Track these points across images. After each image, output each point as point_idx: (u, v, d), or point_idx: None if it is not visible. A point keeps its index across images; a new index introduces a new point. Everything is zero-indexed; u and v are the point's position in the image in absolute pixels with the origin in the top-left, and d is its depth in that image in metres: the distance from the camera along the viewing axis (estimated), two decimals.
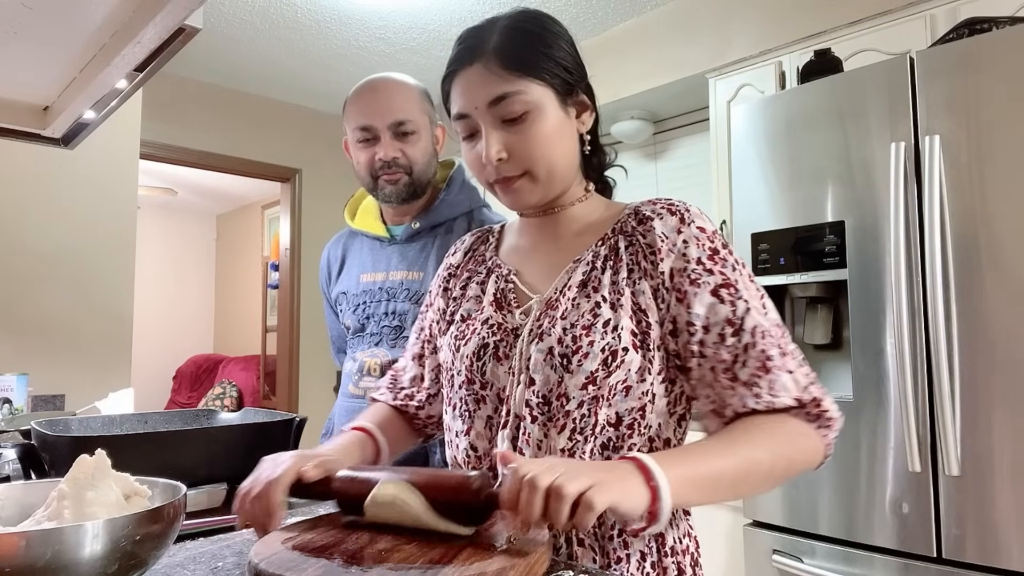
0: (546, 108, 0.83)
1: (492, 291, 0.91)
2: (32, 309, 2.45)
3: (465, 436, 0.88)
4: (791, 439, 0.76)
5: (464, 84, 0.84)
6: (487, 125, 0.83)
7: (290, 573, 0.57)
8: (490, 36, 0.83)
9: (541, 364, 0.81)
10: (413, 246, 1.40)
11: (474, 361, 0.86)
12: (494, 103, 0.82)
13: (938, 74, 1.65)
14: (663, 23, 3.15)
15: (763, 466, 0.73)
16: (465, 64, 0.84)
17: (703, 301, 0.79)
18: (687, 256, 0.80)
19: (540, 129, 0.82)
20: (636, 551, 0.80)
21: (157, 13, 0.99)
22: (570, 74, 0.85)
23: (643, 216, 0.85)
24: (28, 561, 0.53)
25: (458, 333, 0.91)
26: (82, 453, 0.67)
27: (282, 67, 3.81)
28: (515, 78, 0.81)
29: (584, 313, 0.81)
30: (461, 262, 1.01)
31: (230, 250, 6.94)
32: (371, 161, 1.34)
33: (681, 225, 0.82)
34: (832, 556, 1.75)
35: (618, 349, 0.78)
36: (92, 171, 2.59)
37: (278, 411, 1.40)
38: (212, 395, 5.67)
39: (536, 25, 0.85)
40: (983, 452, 1.53)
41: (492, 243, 1.00)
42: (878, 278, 1.73)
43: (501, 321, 0.87)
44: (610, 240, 0.86)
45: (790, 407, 0.76)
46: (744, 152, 2.03)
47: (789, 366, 0.77)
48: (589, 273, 0.84)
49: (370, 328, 1.39)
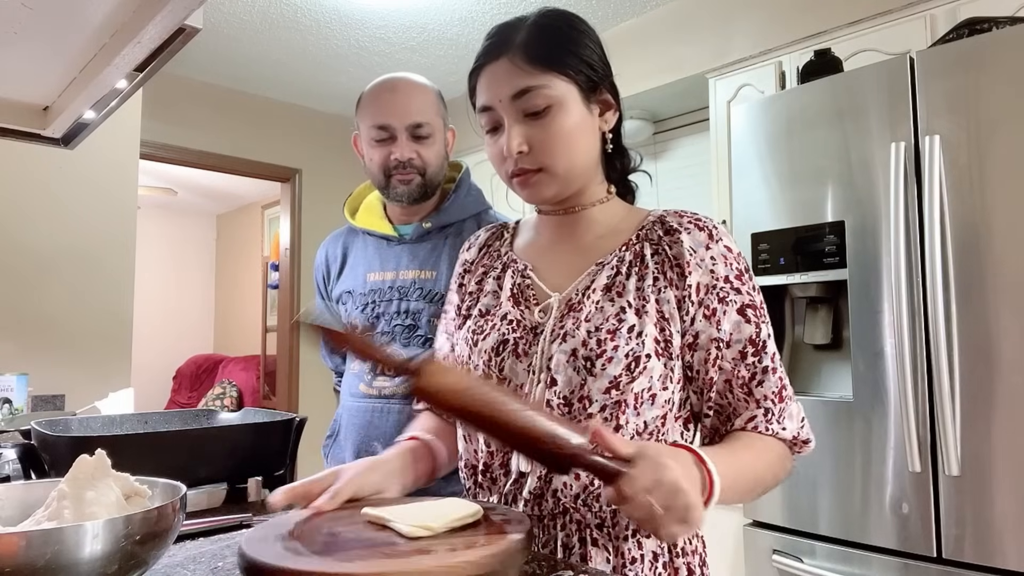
0: (568, 104, 0.84)
1: (509, 286, 0.92)
2: (32, 309, 2.45)
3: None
4: (781, 462, 0.82)
5: (489, 78, 0.85)
6: (510, 118, 0.84)
7: (287, 562, 0.57)
8: (518, 32, 0.85)
9: (564, 365, 0.81)
10: (424, 245, 1.40)
11: (493, 356, 0.87)
12: (517, 96, 0.83)
13: (938, 74, 1.65)
14: (663, 23, 3.15)
15: (767, 481, 0.80)
16: (492, 58, 0.85)
17: (730, 318, 0.81)
18: (715, 273, 0.82)
19: (562, 124, 0.83)
20: (649, 551, 0.80)
21: (157, 13, 0.99)
22: (595, 71, 0.86)
23: (670, 227, 0.86)
24: (28, 561, 0.53)
25: (476, 328, 0.91)
26: (82, 453, 0.67)
27: (282, 67, 3.81)
28: (539, 72, 0.82)
29: (609, 317, 0.82)
30: (476, 257, 1.02)
31: (230, 250, 6.94)
32: (386, 160, 1.35)
33: (710, 242, 0.83)
34: (832, 556, 1.75)
35: (641, 355, 0.79)
36: (92, 171, 2.59)
37: (278, 411, 1.40)
38: (212, 395, 5.67)
39: (563, 22, 0.87)
40: (983, 452, 1.53)
41: (507, 239, 1.01)
42: (878, 278, 1.73)
43: (520, 318, 0.88)
44: (635, 246, 0.87)
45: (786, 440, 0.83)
46: (744, 152, 2.03)
47: (791, 395, 0.83)
48: (614, 278, 0.85)
49: (381, 327, 1.39)
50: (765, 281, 1.94)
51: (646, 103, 3.32)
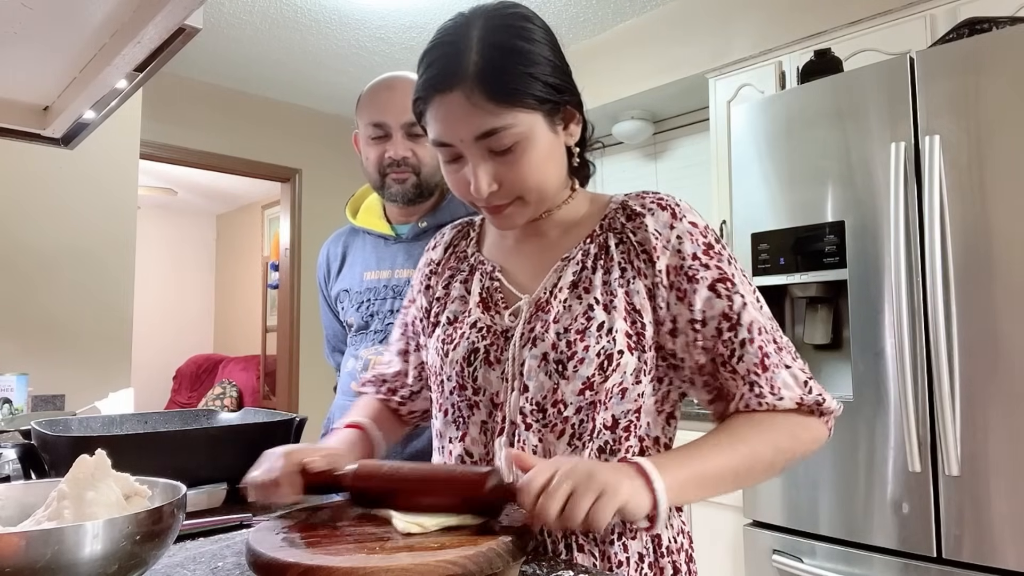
0: (536, 135, 0.78)
1: (478, 290, 0.89)
2: (32, 309, 2.45)
3: (460, 442, 0.87)
4: (792, 432, 0.78)
5: (445, 113, 0.77)
6: (474, 158, 0.78)
7: (278, 554, 0.60)
8: (466, 56, 0.75)
9: (535, 370, 0.80)
10: (420, 244, 1.40)
11: (464, 367, 0.85)
12: (482, 137, 0.76)
13: (938, 74, 1.65)
14: (663, 23, 3.15)
15: (764, 460, 0.76)
16: (443, 90, 0.76)
17: (700, 295, 0.78)
18: (682, 252, 0.79)
19: (531, 158, 0.78)
20: (635, 553, 0.80)
21: (157, 13, 0.99)
22: (558, 93, 0.79)
23: (632, 211, 0.83)
24: (28, 561, 0.53)
25: (445, 337, 0.88)
26: (82, 453, 0.67)
27: (282, 67, 3.81)
28: (503, 111, 0.75)
29: (577, 316, 0.80)
30: (442, 258, 0.98)
31: (230, 250, 6.94)
32: (381, 158, 1.35)
33: (673, 220, 0.81)
34: (832, 556, 1.75)
35: (613, 352, 0.78)
36: (92, 171, 2.59)
37: (278, 411, 1.40)
38: (212, 395, 5.67)
39: (516, 36, 0.77)
40: (983, 452, 1.53)
41: (473, 237, 0.97)
42: (878, 278, 1.73)
43: (490, 324, 0.85)
44: (599, 237, 0.84)
45: (791, 410, 0.78)
46: (744, 152, 2.03)
47: (786, 361, 0.79)
48: (580, 273, 0.83)
49: (374, 325, 1.39)
50: (765, 281, 1.94)
51: (646, 103, 3.32)
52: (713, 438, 0.77)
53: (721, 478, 0.74)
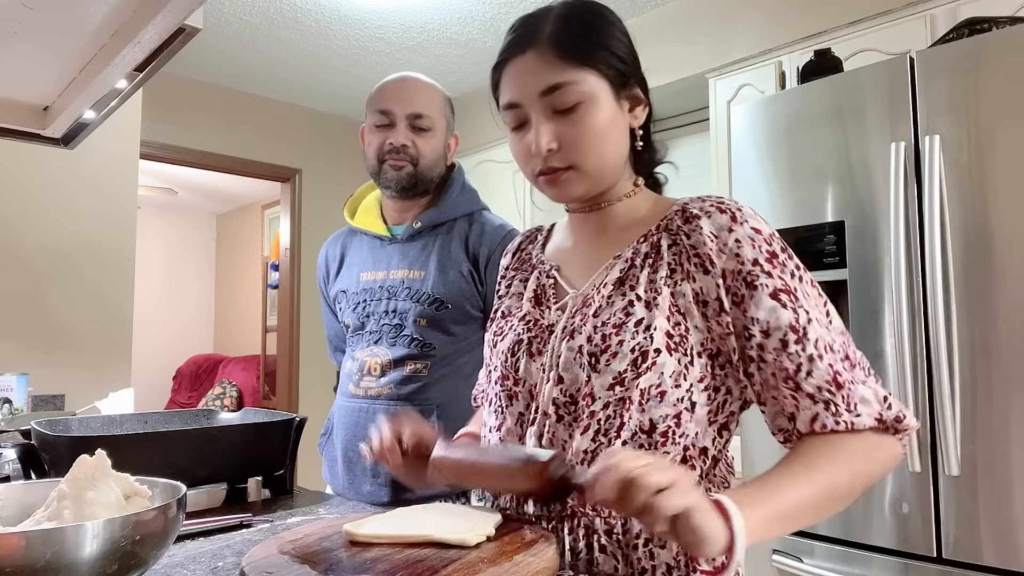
0: (600, 100, 0.80)
1: (532, 287, 0.92)
2: (32, 309, 2.45)
3: (496, 432, 0.88)
4: (868, 454, 0.74)
5: (516, 72, 0.82)
6: (538, 115, 0.81)
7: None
8: (545, 24, 0.81)
9: (571, 362, 0.80)
10: (414, 245, 1.41)
11: (508, 357, 0.87)
12: (547, 92, 0.79)
13: (938, 74, 1.65)
14: (663, 23, 3.15)
15: (842, 488, 0.72)
16: (518, 52, 0.82)
17: (763, 305, 0.75)
18: (741, 257, 0.76)
19: (593, 121, 0.80)
20: (663, 563, 0.75)
21: (157, 13, 0.99)
22: (625, 65, 0.83)
23: (690, 214, 0.81)
24: (28, 561, 0.53)
25: (496, 329, 0.92)
26: (82, 453, 0.67)
27: (282, 67, 3.81)
28: (570, 67, 0.79)
29: (616, 311, 0.79)
30: (510, 263, 1.02)
31: (230, 250, 6.93)
32: (382, 144, 1.37)
33: (733, 224, 0.78)
34: (832, 556, 1.75)
35: (649, 350, 0.76)
36: (92, 171, 2.59)
37: (278, 411, 1.40)
38: (212, 395, 5.67)
39: (592, 14, 0.83)
40: (983, 452, 1.53)
41: (540, 241, 1.00)
42: (878, 278, 1.73)
43: (538, 317, 0.87)
44: (653, 237, 0.83)
45: (870, 427, 0.73)
46: (744, 152, 2.03)
47: (860, 377, 0.75)
48: (627, 270, 0.82)
49: (370, 326, 1.39)
50: None
51: None
52: (787, 467, 0.72)
53: (798, 514, 0.69)
